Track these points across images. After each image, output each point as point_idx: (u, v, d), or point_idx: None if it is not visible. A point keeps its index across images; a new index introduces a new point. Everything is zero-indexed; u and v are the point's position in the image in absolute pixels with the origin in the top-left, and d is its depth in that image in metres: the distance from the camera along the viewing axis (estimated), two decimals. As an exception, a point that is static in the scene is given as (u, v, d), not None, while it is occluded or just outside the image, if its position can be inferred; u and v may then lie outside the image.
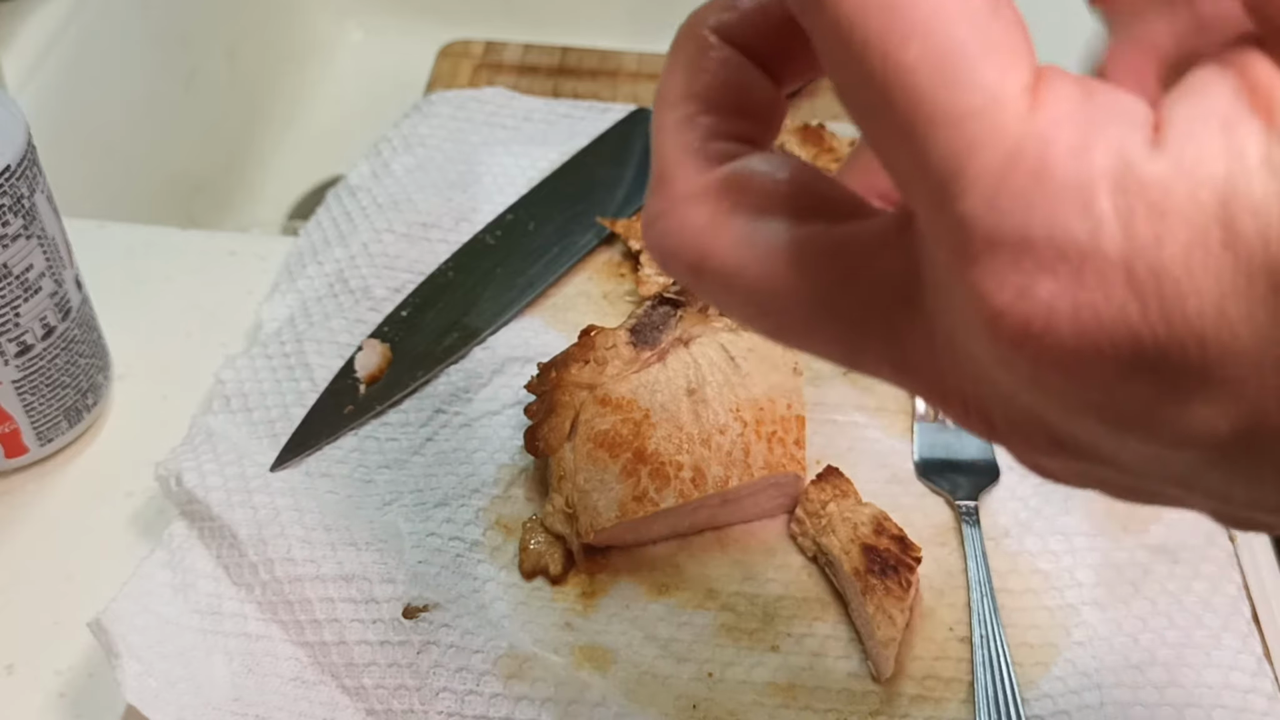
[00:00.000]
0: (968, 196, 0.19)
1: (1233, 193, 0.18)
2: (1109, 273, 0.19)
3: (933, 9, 0.19)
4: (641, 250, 0.61)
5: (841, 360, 0.24)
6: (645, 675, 0.47)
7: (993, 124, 0.19)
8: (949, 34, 0.19)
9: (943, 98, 0.19)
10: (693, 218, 0.24)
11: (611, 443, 0.50)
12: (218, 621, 0.48)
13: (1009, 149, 0.19)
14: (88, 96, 0.76)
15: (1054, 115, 0.19)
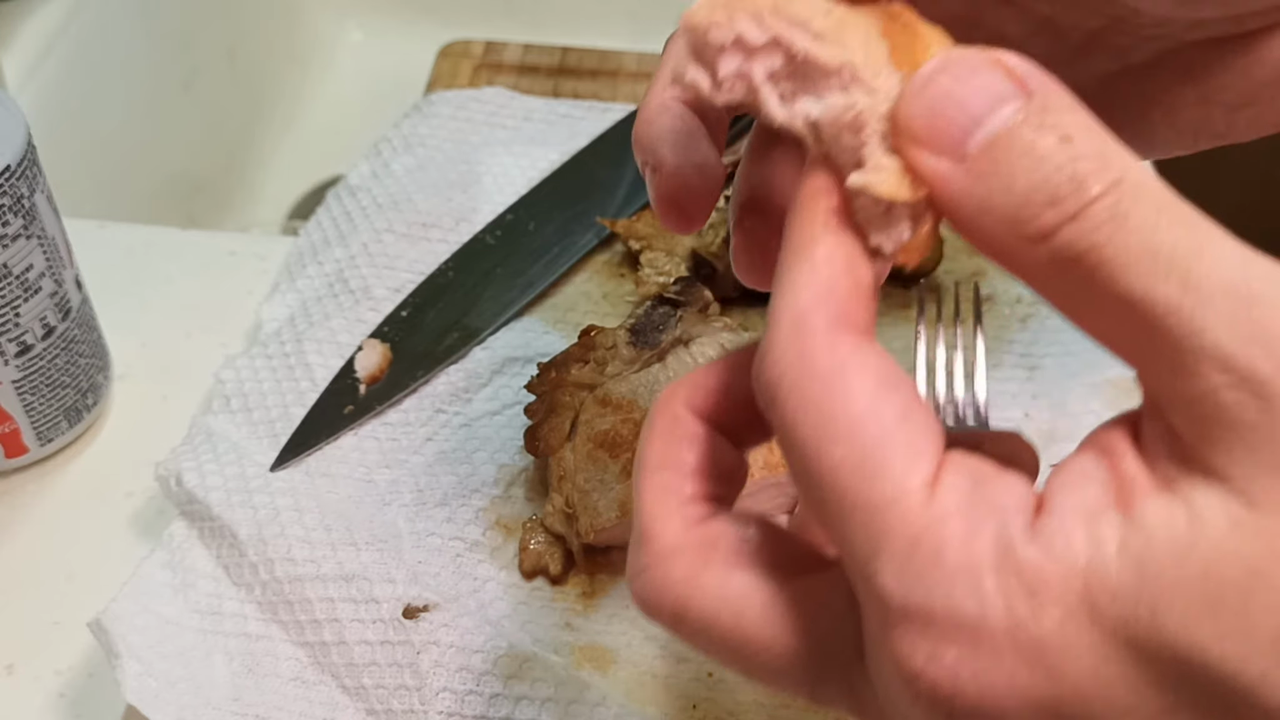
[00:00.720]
0: (883, 574, 0.23)
1: (1094, 577, 0.22)
2: (999, 642, 0.23)
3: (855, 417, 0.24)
4: (642, 250, 0.62)
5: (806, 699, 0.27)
6: (645, 675, 0.47)
7: (900, 513, 0.23)
8: (866, 438, 0.24)
9: (861, 490, 0.24)
10: (672, 573, 0.27)
11: (611, 443, 0.50)
12: (218, 621, 0.48)
13: (912, 535, 0.23)
14: (88, 96, 0.76)
15: (947, 506, 0.23)
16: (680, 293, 0.56)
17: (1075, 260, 0.24)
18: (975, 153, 0.24)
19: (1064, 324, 0.65)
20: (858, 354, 0.25)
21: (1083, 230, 0.23)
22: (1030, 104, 0.24)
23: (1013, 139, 0.24)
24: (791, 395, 0.25)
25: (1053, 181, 0.23)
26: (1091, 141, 0.24)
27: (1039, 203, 0.24)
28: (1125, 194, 0.23)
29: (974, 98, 0.24)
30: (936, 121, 0.25)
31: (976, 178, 0.24)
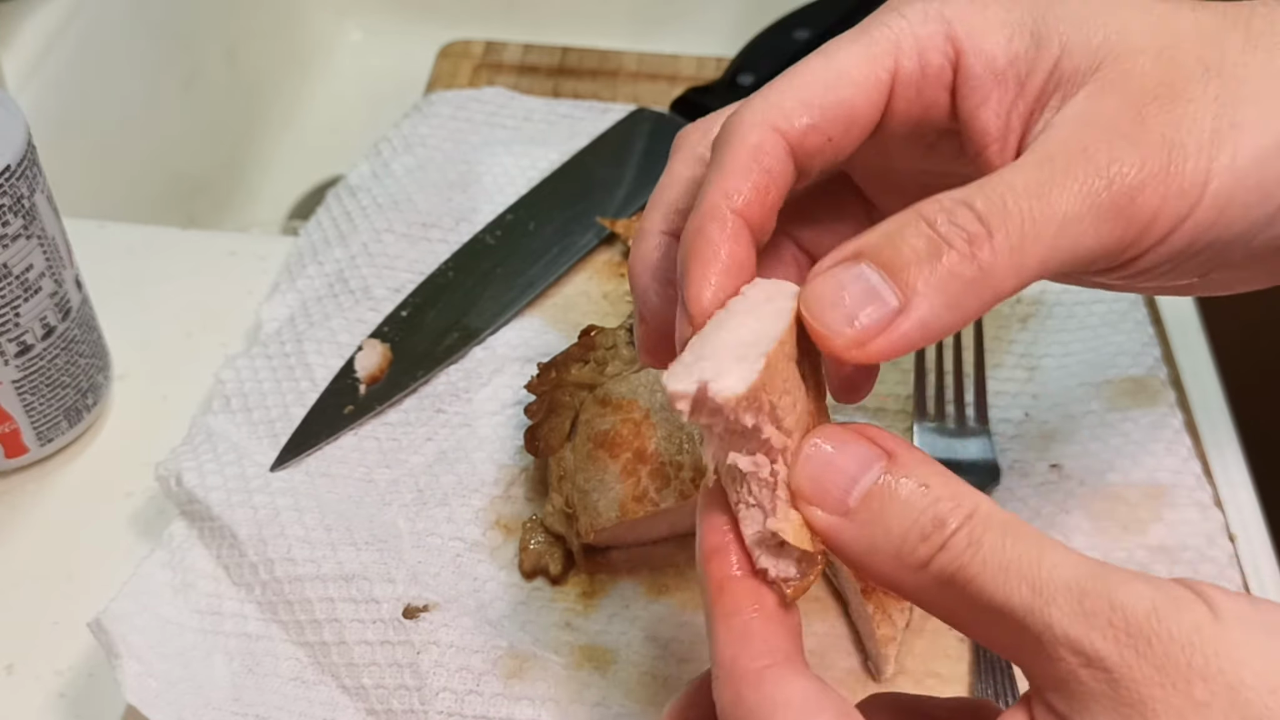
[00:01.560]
0: None
1: None
2: None
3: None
4: (641, 250, 0.61)
5: None
6: (645, 675, 0.47)
7: None
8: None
9: None
10: None
11: (611, 443, 0.50)
12: (218, 621, 0.48)
13: None
14: (88, 96, 0.76)
15: None
16: (680, 293, 0.56)
17: (949, 581, 0.29)
18: (856, 506, 0.30)
19: (1064, 324, 0.66)
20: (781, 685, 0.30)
21: (950, 557, 0.29)
22: (893, 462, 0.30)
23: (884, 492, 0.30)
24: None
25: (920, 522, 0.30)
26: (946, 486, 0.30)
27: (914, 540, 0.30)
28: (977, 524, 0.29)
29: (847, 463, 0.31)
30: (821, 485, 0.31)
31: (860, 526, 0.30)
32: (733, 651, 0.31)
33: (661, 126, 0.70)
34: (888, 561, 0.30)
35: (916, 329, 0.30)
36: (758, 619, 0.31)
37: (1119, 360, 0.58)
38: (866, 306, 0.30)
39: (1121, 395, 0.56)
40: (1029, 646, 0.28)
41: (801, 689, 0.30)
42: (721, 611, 0.32)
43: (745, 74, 0.71)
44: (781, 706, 0.30)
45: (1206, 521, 0.52)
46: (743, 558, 0.32)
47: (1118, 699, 0.27)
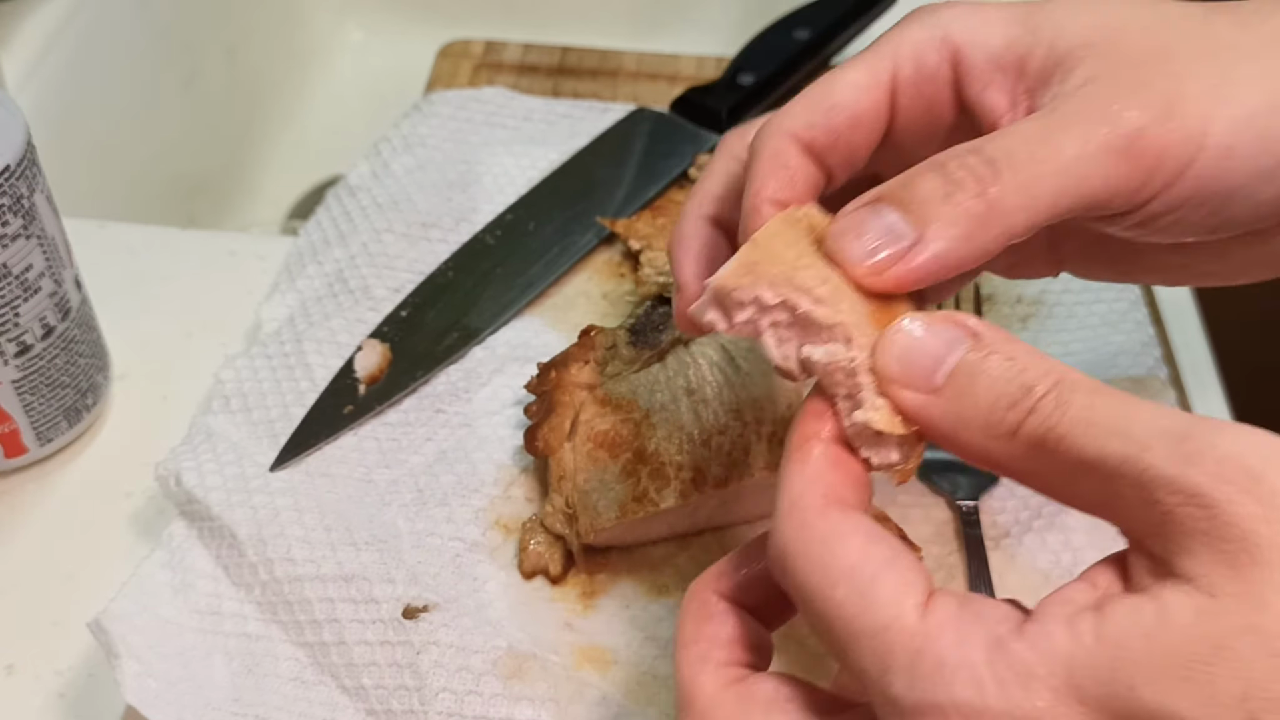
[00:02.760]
0: (894, 685, 0.28)
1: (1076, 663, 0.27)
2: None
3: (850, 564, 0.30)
4: (641, 250, 0.62)
5: None
6: (645, 675, 0.47)
7: (899, 631, 0.29)
8: (861, 578, 0.29)
9: (864, 619, 0.29)
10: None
11: (611, 443, 0.50)
12: (217, 621, 0.48)
13: (914, 647, 0.28)
14: (88, 96, 0.76)
15: (940, 620, 0.29)
16: (680, 293, 0.56)
17: (1039, 444, 0.30)
18: (943, 383, 0.31)
19: (1064, 324, 0.66)
20: (846, 520, 0.31)
21: (1039, 420, 0.30)
22: (978, 341, 0.31)
23: (970, 367, 0.31)
24: (796, 559, 0.31)
25: (1008, 391, 0.30)
26: (1030, 357, 0.31)
27: (1002, 408, 0.30)
28: (1064, 388, 0.30)
29: (933, 343, 0.32)
30: (909, 366, 0.32)
31: (949, 400, 0.31)
32: (800, 488, 0.31)
33: (661, 126, 0.70)
34: (977, 434, 0.31)
35: (931, 259, 0.33)
36: (832, 467, 0.32)
37: (1119, 360, 0.58)
38: (883, 239, 0.33)
39: (1121, 395, 0.56)
40: (1124, 497, 0.28)
41: (866, 524, 0.30)
42: (798, 457, 0.32)
43: (745, 74, 0.71)
44: (846, 534, 0.30)
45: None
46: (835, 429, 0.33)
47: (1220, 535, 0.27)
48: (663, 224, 0.63)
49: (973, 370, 0.31)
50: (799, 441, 0.33)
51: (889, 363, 0.32)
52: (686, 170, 0.67)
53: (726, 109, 0.69)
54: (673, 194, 0.66)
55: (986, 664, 0.28)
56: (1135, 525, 0.29)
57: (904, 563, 0.30)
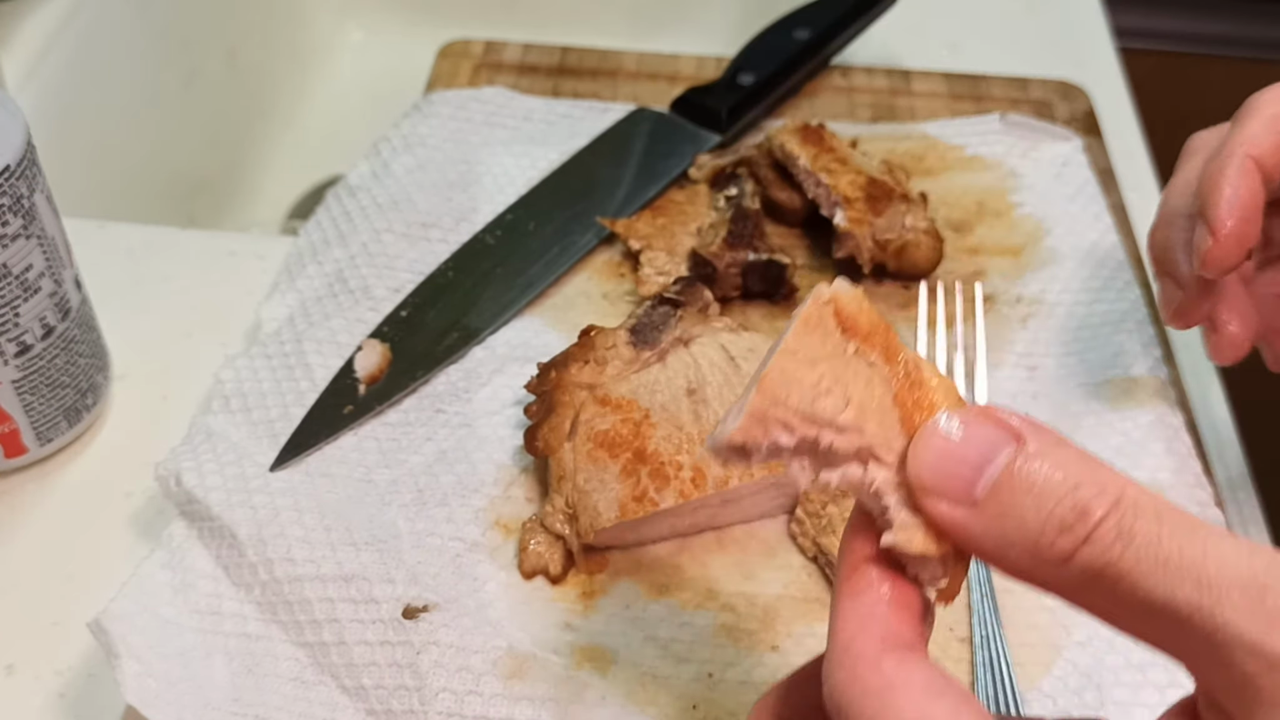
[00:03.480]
0: None
1: None
2: None
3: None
4: (641, 250, 0.62)
5: None
6: (645, 675, 0.47)
7: None
8: None
9: None
10: None
11: (611, 443, 0.50)
12: (217, 621, 0.48)
13: None
14: (88, 96, 0.76)
15: None
16: (680, 293, 0.56)
17: (1097, 576, 0.27)
18: (984, 496, 0.28)
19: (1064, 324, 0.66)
20: (903, 669, 0.28)
21: (1096, 551, 0.26)
22: (1024, 447, 0.28)
23: (1015, 479, 0.27)
24: (850, 711, 0.28)
25: (1059, 511, 0.27)
26: (1084, 470, 0.27)
27: (1052, 532, 0.27)
28: (1126, 512, 0.27)
29: (972, 449, 0.28)
30: (944, 475, 0.28)
31: (991, 518, 0.28)
32: (853, 630, 0.29)
33: (661, 126, 0.70)
34: (1024, 557, 0.28)
35: None
36: (886, 604, 0.29)
37: (1119, 360, 0.58)
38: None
39: (1121, 395, 0.56)
40: (1196, 648, 0.26)
41: (924, 674, 0.28)
42: (849, 590, 0.30)
43: (745, 74, 0.71)
44: (900, 688, 0.28)
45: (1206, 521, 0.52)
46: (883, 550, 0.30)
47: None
48: (663, 224, 0.63)
49: (1018, 484, 0.28)
50: (848, 570, 0.30)
51: (921, 472, 0.29)
52: (686, 170, 0.67)
53: (726, 109, 0.69)
54: (673, 194, 0.66)
55: None
56: (1207, 678, 0.27)
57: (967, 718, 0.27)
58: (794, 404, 0.30)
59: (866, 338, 0.31)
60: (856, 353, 0.31)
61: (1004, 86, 0.75)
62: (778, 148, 0.65)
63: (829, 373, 0.30)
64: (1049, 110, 0.73)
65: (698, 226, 0.63)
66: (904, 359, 0.31)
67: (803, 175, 0.63)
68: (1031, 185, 0.67)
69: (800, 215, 0.65)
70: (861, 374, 0.30)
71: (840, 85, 0.75)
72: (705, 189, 0.66)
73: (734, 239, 0.60)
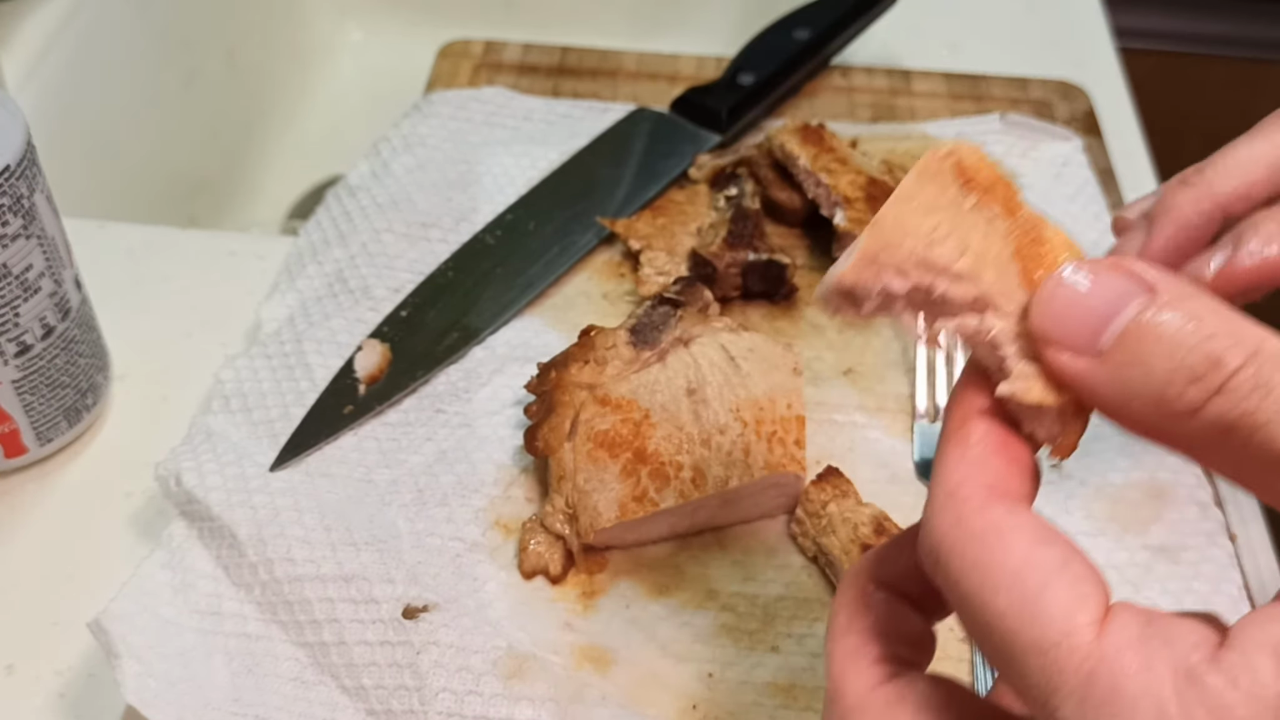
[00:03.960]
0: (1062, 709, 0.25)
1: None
2: None
3: (1014, 569, 0.26)
4: (641, 250, 0.62)
5: None
6: (645, 675, 0.47)
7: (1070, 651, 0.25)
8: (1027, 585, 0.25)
9: (1028, 633, 0.25)
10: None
11: (611, 443, 0.50)
12: (217, 621, 0.48)
13: (1086, 670, 0.25)
14: (88, 96, 0.76)
15: (1119, 641, 0.25)
16: (680, 293, 0.56)
17: (1229, 430, 0.25)
18: (1109, 347, 0.27)
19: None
20: (1011, 516, 0.27)
21: (1231, 402, 0.25)
22: (1155, 297, 0.26)
23: (1143, 329, 0.26)
24: (952, 557, 0.27)
25: (1190, 361, 0.26)
26: (1219, 320, 0.26)
27: (1181, 382, 0.26)
28: (1265, 363, 0.25)
29: (1099, 299, 0.27)
30: (1068, 324, 0.27)
31: (1116, 368, 0.27)
32: (960, 477, 0.28)
33: (661, 126, 0.70)
34: (1149, 409, 0.26)
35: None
36: (995, 454, 0.28)
37: None
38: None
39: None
40: None
41: (1034, 522, 0.27)
42: (957, 440, 0.29)
43: (745, 74, 0.71)
44: (1009, 533, 0.26)
45: (1207, 521, 0.52)
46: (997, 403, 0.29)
47: None
48: (663, 224, 0.63)
49: (1147, 332, 0.26)
50: (958, 421, 0.29)
51: (1044, 322, 0.28)
52: (686, 170, 0.67)
53: (726, 109, 0.69)
54: (673, 194, 0.66)
55: (1175, 698, 0.24)
56: None
57: (1077, 570, 0.26)
58: (908, 248, 0.29)
59: (987, 190, 0.30)
60: (975, 206, 0.30)
61: (1004, 86, 0.75)
62: (778, 148, 0.65)
63: (945, 221, 0.29)
64: (1049, 110, 0.73)
65: (698, 226, 0.63)
66: (1025, 214, 0.30)
67: (803, 175, 0.63)
68: (1031, 185, 0.67)
69: (800, 215, 0.65)
70: (979, 226, 0.29)
71: (840, 85, 0.75)
72: (705, 189, 0.66)
73: (734, 239, 0.60)
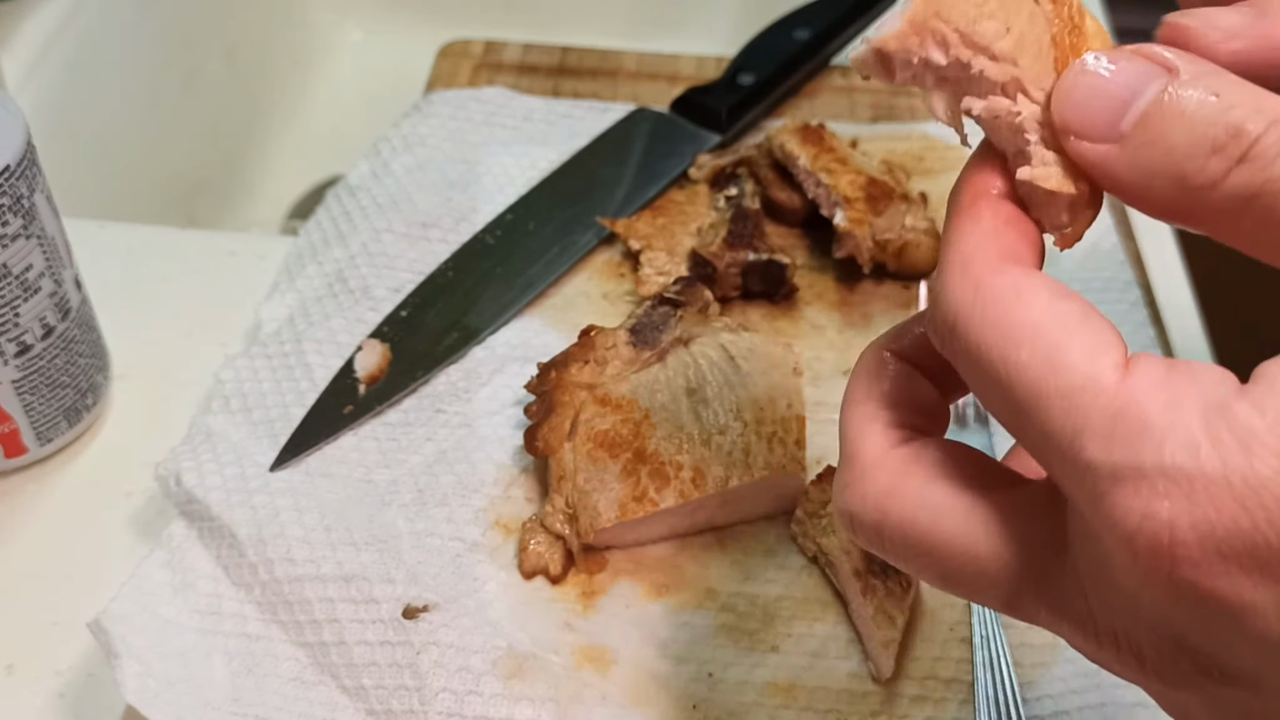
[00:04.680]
0: (1088, 449, 0.24)
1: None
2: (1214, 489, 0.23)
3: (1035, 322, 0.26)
4: (641, 250, 0.62)
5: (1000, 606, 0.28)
6: (645, 675, 0.47)
7: (1096, 392, 0.25)
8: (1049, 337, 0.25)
9: (1052, 381, 0.25)
10: (874, 485, 0.29)
11: (611, 443, 0.50)
12: (217, 621, 0.48)
13: (1114, 409, 0.24)
14: (88, 96, 0.76)
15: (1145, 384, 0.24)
16: (680, 293, 0.56)
17: (1252, 198, 0.25)
18: (1130, 130, 0.26)
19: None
20: (1028, 276, 0.26)
21: (1254, 169, 0.25)
22: (1175, 77, 0.26)
23: (1163, 108, 0.26)
24: (970, 321, 0.26)
25: (1211, 133, 0.25)
26: (1240, 93, 0.25)
27: (1202, 155, 0.25)
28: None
29: (1119, 84, 0.27)
30: (1088, 113, 0.27)
31: (1136, 149, 0.26)
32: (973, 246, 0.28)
33: (661, 126, 0.70)
34: (1169, 187, 0.26)
35: None
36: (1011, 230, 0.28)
37: None
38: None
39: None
40: None
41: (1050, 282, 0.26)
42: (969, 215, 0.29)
43: (745, 74, 0.71)
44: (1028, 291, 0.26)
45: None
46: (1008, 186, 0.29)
47: None
48: (662, 224, 0.63)
49: (1168, 110, 0.26)
50: (969, 199, 0.29)
51: (1066, 110, 0.27)
52: (686, 170, 0.67)
53: (726, 109, 0.69)
54: (673, 194, 0.66)
55: (1203, 426, 0.23)
56: None
57: (1097, 322, 0.26)
58: (955, 20, 0.29)
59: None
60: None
61: (1004, 86, 0.75)
62: (778, 148, 0.65)
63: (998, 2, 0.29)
64: (1049, 110, 0.73)
65: (698, 226, 0.63)
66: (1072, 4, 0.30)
67: (803, 175, 0.63)
68: (1031, 185, 0.67)
69: (800, 215, 0.65)
70: (1026, 7, 0.29)
71: (840, 85, 0.75)
72: (705, 189, 0.66)
73: (734, 239, 0.60)
